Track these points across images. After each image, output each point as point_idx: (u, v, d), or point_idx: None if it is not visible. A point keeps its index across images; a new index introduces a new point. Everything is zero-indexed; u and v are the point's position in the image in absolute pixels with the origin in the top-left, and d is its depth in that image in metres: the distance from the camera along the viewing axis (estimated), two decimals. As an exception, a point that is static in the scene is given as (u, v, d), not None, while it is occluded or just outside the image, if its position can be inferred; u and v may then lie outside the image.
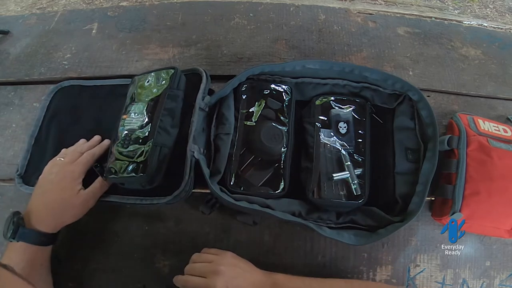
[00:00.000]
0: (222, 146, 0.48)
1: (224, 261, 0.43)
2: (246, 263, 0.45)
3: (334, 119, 0.51)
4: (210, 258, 0.44)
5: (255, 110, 0.51)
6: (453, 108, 0.58)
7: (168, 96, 0.47)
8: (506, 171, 0.46)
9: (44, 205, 0.43)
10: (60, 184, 0.44)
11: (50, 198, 0.44)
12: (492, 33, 0.71)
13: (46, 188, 0.44)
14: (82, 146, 0.51)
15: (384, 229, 0.44)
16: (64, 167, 0.46)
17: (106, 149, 0.50)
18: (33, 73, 0.65)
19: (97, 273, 0.50)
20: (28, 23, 0.73)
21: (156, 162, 0.43)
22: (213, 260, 0.43)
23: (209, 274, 0.41)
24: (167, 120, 0.46)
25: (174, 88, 0.48)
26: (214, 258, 0.44)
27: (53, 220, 0.43)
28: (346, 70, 0.52)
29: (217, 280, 0.40)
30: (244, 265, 0.44)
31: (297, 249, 0.50)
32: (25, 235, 0.41)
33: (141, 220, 0.51)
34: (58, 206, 0.43)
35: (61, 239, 0.50)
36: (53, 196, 0.44)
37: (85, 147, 0.50)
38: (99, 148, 0.50)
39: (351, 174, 0.48)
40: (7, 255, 0.42)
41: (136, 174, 0.43)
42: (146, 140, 0.45)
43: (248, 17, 0.69)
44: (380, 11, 0.73)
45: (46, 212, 0.43)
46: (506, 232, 0.47)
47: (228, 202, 0.44)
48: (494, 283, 0.50)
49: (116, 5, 1.22)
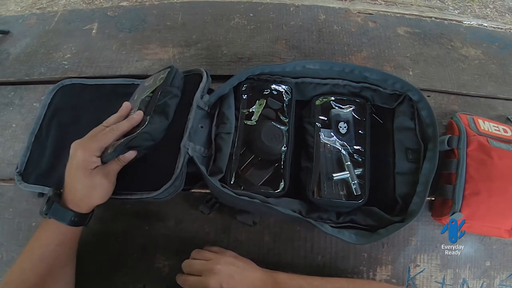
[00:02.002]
0: (224, 145, 0.48)
1: (222, 260, 0.42)
2: (246, 262, 0.44)
3: (334, 119, 0.52)
4: (209, 256, 0.44)
5: (255, 110, 0.51)
6: (453, 108, 0.58)
7: (161, 93, 0.47)
8: (506, 171, 0.46)
9: (71, 184, 0.42)
10: (79, 161, 0.42)
11: (74, 177, 0.42)
12: (492, 33, 0.71)
13: (70, 165, 0.43)
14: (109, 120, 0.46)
15: (384, 229, 0.44)
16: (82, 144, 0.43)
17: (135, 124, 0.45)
18: (33, 73, 0.65)
19: (97, 273, 0.50)
20: (28, 23, 0.73)
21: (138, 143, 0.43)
22: (212, 258, 0.43)
23: (205, 272, 0.41)
24: (157, 115, 0.46)
25: (168, 85, 0.48)
26: (213, 257, 0.43)
27: (82, 199, 0.42)
28: (346, 70, 0.52)
29: (211, 279, 0.39)
30: (244, 264, 0.44)
31: (297, 249, 0.50)
32: (58, 211, 0.41)
33: (141, 220, 0.51)
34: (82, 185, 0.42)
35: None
36: (75, 175, 0.42)
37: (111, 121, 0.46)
38: (126, 123, 0.45)
39: (351, 174, 0.48)
40: (38, 234, 0.42)
41: None
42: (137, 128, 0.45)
43: (248, 17, 0.69)
44: (380, 11, 0.73)
45: (74, 192, 0.42)
46: (506, 232, 0.47)
47: (229, 196, 0.43)
48: (494, 283, 0.50)
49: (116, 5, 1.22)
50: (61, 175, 0.52)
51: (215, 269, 0.40)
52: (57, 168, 0.53)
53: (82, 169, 0.41)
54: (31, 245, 0.41)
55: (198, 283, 0.40)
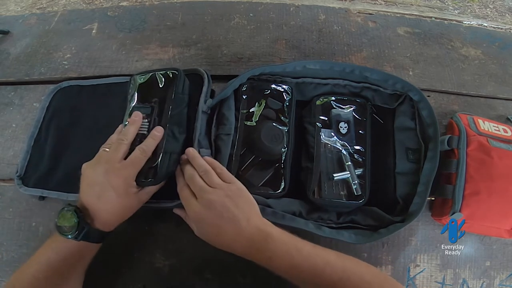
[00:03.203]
0: (223, 147, 0.48)
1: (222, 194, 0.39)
2: (249, 206, 0.40)
3: (335, 119, 0.52)
4: (215, 181, 0.40)
5: (255, 110, 0.51)
6: (453, 108, 0.58)
7: (174, 101, 0.45)
8: (506, 171, 0.46)
9: (104, 209, 0.41)
10: (117, 190, 0.40)
11: (109, 203, 0.41)
12: (492, 33, 0.71)
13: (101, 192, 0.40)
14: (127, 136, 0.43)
15: (385, 229, 0.44)
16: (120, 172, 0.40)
17: (160, 140, 0.43)
18: (33, 73, 0.64)
19: (97, 273, 0.50)
20: (28, 23, 0.73)
21: (165, 169, 0.43)
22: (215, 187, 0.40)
23: (200, 200, 0.39)
24: (174, 128, 0.45)
25: (179, 92, 0.47)
26: (217, 184, 0.40)
27: (115, 222, 0.42)
28: (347, 70, 0.52)
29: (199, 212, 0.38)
30: (244, 207, 0.39)
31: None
32: (89, 235, 0.40)
33: (141, 220, 0.51)
34: (118, 210, 0.41)
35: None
36: (111, 201, 0.40)
37: (129, 136, 0.43)
38: (152, 141, 0.42)
39: (351, 174, 0.48)
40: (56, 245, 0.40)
41: (146, 179, 0.42)
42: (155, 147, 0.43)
43: (248, 17, 0.69)
44: (380, 11, 0.73)
45: (107, 216, 0.41)
46: (506, 232, 0.47)
47: None
48: (494, 283, 0.50)
49: (116, 5, 1.22)
50: (60, 177, 0.52)
51: (211, 204, 0.38)
52: (56, 170, 0.53)
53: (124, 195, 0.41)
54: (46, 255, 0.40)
55: (187, 204, 0.39)
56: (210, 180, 0.40)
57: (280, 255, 0.37)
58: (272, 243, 0.37)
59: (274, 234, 0.38)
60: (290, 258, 0.37)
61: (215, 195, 0.39)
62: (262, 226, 0.39)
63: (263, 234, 0.38)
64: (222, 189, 0.40)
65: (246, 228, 0.38)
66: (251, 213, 0.40)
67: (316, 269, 0.36)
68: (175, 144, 0.45)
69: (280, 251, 0.37)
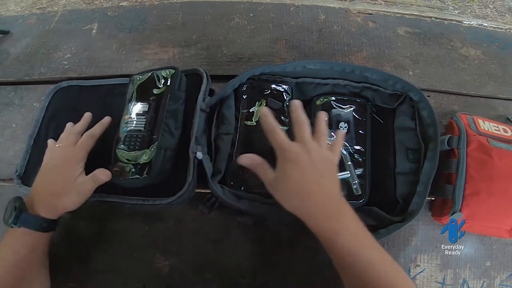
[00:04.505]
0: (223, 146, 0.48)
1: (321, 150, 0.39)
2: (336, 176, 0.40)
3: (335, 119, 0.52)
4: (306, 136, 0.39)
5: (255, 110, 0.51)
6: (453, 108, 0.58)
7: (170, 97, 0.47)
8: (506, 171, 0.46)
9: (47, 190, 0.43)
10: (64, 168, 0.43)
11: (53, 182, 0.43)
12: (492, 33, 0.71)
13: (49, 173, 0.44)
14: (75, 127, 0.49)
15: (385, 229, 0.44)
16: (66, 151, 0.45)
17: (106, 127, 0.49)
18: (33, 73, 0.65)
19: (97, 273, 0.50)
20: (28, 23, 0.73)
21: (160, 165, 0.43)
22: (304, 141, 0.39)
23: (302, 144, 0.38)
24: (170, 123, 0.46)
25: (176, 89, 0.48)
26: (306, 139, 0.39)
27: (55, 205, 0.43)
28: (347, 70, 0.52)
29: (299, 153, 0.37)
30: (334, 173, 0.39)
31: (298, 249, 0.50)
32: (27, 220, 0.40)
33: (141, 220, 0.51)
34: (60, 189, 0.42)
35: (61, 239, 0.50)
36: (55, 179, 0.43)
37: (78, 127, 0.49)
38: (99, 127, 0.49)
39: (351, 174, 0.48)
40: (7, 242, 0.41)
41: (140, 176, 0.43)
42: (150, 142, 0.44)
43: (248, 17, 0.69)
44: (380, 11, 0.73)
45: (48, 197, 0.42)
46: (506, 232, 0.47)
47: (229, 203, 0.44)
48: (495, 283, 0.50)
49: (116, 5, 1.23)
50: None
51: (311, 152, 0.38)
52: None
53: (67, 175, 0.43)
54: (2, 252, 0.41)
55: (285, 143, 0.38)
56: (301, 131, 0.40)
57: (346, 234, 0.36)
58: (344, 219, 0.37)
59: (350, 212, 0.38)
60: (353, 240, 0.36)
61: (317, 147, 0.39)
62: (342, 199, 0.38)
63: (341, 206, 0.37)
64: (322, 148, 0.39)
65: (329, 190, 0.38)
66: (336, 181, 0.39)
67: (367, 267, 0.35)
68: (171, 140, 0.45)
69: (347, 230, 0.36)
